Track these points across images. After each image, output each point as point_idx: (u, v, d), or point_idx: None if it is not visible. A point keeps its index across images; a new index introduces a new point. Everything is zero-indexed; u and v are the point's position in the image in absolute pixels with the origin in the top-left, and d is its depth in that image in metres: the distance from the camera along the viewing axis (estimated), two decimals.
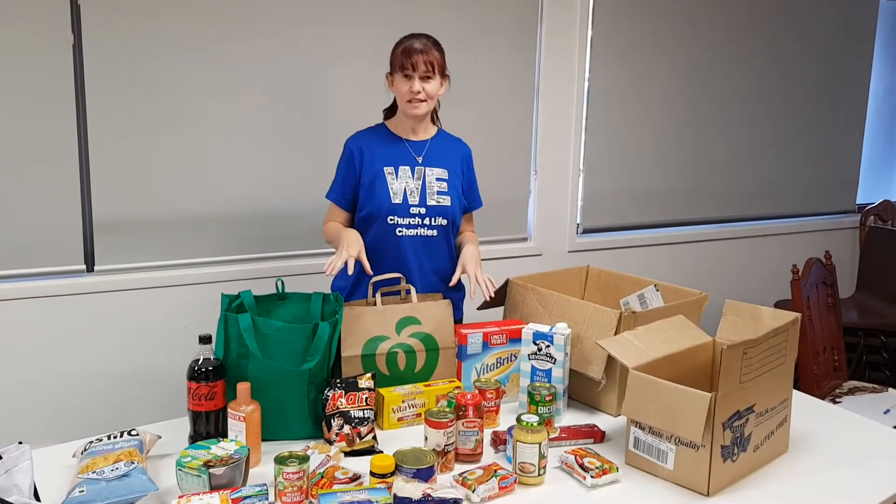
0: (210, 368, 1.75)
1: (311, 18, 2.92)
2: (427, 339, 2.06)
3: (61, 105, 2.61)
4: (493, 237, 3.46)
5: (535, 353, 2.00)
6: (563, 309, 2.13)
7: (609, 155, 3.70)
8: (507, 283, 2.34)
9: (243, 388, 1.73)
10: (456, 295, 2.37)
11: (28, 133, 2.58)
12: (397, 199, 2.25)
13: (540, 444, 1.65)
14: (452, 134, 2.44)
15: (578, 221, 3.69)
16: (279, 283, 2.02)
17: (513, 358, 2.11)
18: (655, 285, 2.26)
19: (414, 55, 2.19)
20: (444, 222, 2.31)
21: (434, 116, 2.41)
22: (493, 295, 2.17)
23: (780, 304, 3.91)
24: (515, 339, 2.09)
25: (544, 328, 2.00)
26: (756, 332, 1.74)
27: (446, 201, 2.30)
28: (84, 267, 2.72)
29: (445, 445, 1.71)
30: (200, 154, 2.82)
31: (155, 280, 2.81)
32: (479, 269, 2.22)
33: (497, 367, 2.11)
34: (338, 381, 1.84)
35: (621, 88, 3.67)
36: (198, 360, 1.76)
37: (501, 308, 2.35)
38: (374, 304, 2.08)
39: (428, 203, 2.28)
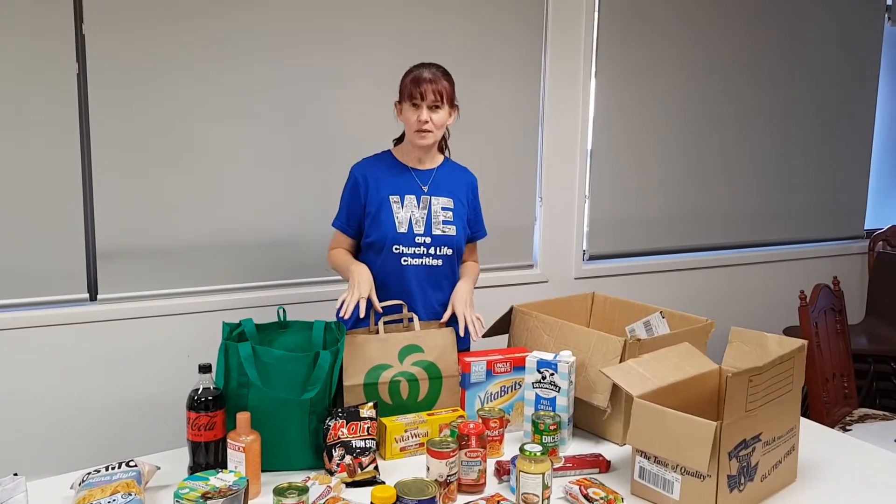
0: (210, 398, 1.73)
1: (317, 46, 2.94)
2: (430, 368, 2.04)
3: (65, 134, 2.62)
4: (499, 264, 3.44)
5: (540, 382, 1.98)
6: (568, 336, 2.11)
7: (615, 181, 3.69)
8: (511, 310, 2.32)
9: (243, 418, 1.71)
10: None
11: (32, 161, 2.59)
12: (402, 228, 2.24)
13: (544, 474, 1.63)
14: (458, 162, 2.43)
15: (584, 248, 3.67)
16: (281, 312, 2.00)
17: (517, 386, 2.09)
18: (661, 312, 2.24)
19: (423, 84, 2.19)
20: (450, 252, 2.30)
21: (443, 145, 2.41)
22: (478, 337, 2.16)
23: (788, 331, 3.87)
24: (519, 367, 2.07)
25: (548, 356, 1.98)
26: (762, 359, 1.71)
27: (451, 231, 2.29)
28: (87, 296, 2.72)
29: (448, 476, 1.69)
30: (203, 183, 2.82)
31: (157, 308, 2.80)
32: (468, 309, 2.20)
33: (501, 396, 2.09)
34: (339, 410, 1.82)
35: (626, 114, 3.67)
36: (197, 389, 1.74)
37: (505, 336, 2.33)
38: (377, 333, 2.06)
39: (433, 232, 2.27)
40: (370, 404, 1.85)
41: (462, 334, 2.17)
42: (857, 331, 3.99)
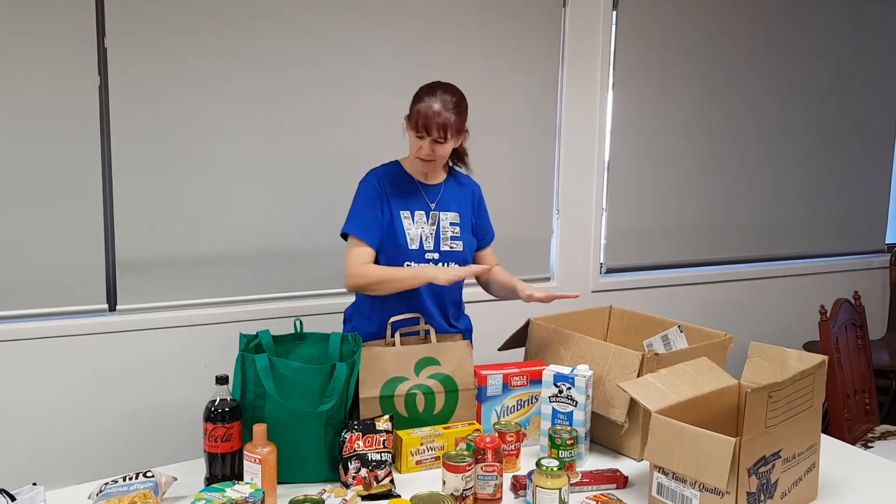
0: (227, 409, 1.74)
1: (335, 58, 2.95)
2: (446, 381, 2.03)
3: (87, 145, 2.64)
4: (516, 276, 3.43)
5: (556, 396, 1.97)
6: (585, 350, 2.10)
7: (632, 194, 3.68)
8: (527, 323, 2.31)
9: (259, 429, 1.72)
10: (465, 335, 2.38)
11: (53, 172, 2.61)
12: (414, 245, 2.24)
13: (560, 489, 1.62)
14: (463, 172, 2.43)
15: (602, 261, 3.66)
16: (298, 323, 2.01)
17: (533, 400, 2.08)
18: (679, 326, 2.22)
19: (429, 120, 2.13)
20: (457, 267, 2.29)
21: (455, 160, 2.40)
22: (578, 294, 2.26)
23: (808, 346, 3.84)
24: (536, 380, 2.06)
25: (565, 370, 1.97)
26: (782, 374, 1.70)
27: (459, 246, 2.29)
28: (106, 306, 2.73)
29: (464, 490, 1.68)
30: (222, 194, 2.84)
31: (176, 319, 2.81)
32: (542, 292, 2.24)
33: (517, 410, 2.08)
34: (355, 422, 1.82)
35: (644, 126, 3.66)
36: (214, 400, 1.75)
37: (522, 349, 2.32)
38: (393, 345, 2.06)
39: (441, 248, 2.26)
40: (386, 417, 1.85)
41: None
42: (879, 346, 3.95)
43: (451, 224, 2.29)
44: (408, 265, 2.22)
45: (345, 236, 2.27)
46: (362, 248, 2.21)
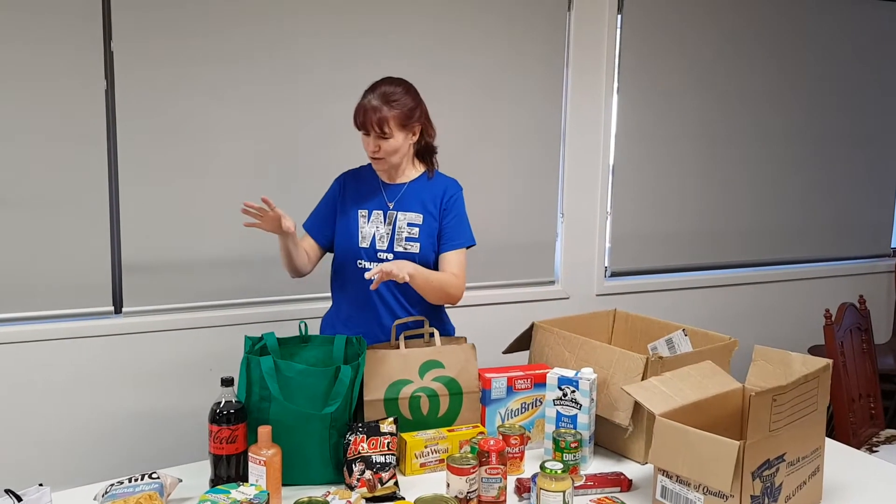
0: (232, 411, 1.74)
1: (341, 62, 2.96)
2: (450, 384, 2.04)
3: (93, 149, 2.66)
4: (520, 280, 3.44)
5: (561, 399, 1.97)
6: (589, 353, 2.10)
7: (637, 197, 3.68)
8: (532, 326, 2.31)
9: (264, 431, 1.72)
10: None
11: (60, 176, 2.62)
12: (364, 244, 2.24)
13: (564, 492, 1.62)
14: (445, 174, 2.35)
15: (606, 264, 3.66)
16: (302, 326, 2.01)
17: (538, 403, 2.08)
18: (684, 330, 2.22)
19: (364, 116, 2.14)
20: None
21: (427, 158, 2.34)
22: (373, 275, 2.00)
23: (813, 350, 3.83)
24: (540, 383, 2.06)
25: (569, 373, 1.97)
26: (786, 378, 1.70)
27: (414, 248, 2.24)
28: (112, 309, 2.74)
29: (468, 493, 1.68)
30: (227, 198, 2.85)
31: (181, 322, 2.82)
32: (387, 265, 2.02)
33: (522, 413, 2.08)
34: (360, 425, 1.82)
35: (648, 131, 3.66)
36: (219, 402, 1.75)
37: (526, 352, 2.33)
38: (398, 348, 2.06)
39: (395, 248, 2.23)
40: (390, 419, 1.85)
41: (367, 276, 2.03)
42: (884, 350, 3.94)
43: (409, 225, 2.25)
44: (359, 263, 2.24)
45: None
46: (304, 239, 2.33)
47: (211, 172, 2.82)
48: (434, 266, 2.26)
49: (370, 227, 2.25)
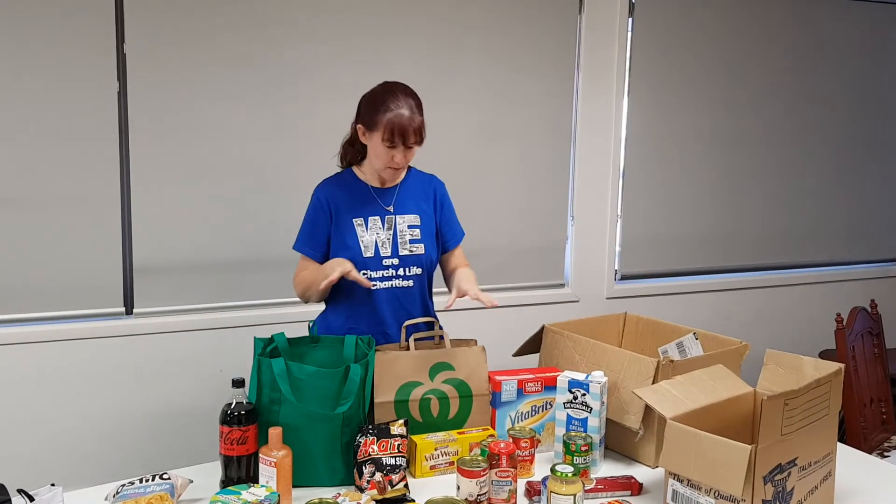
0: (242, 413, 1.75)
1: (351, 64, 2.97)
2: (461, 386, 2.04)
3: (105, 151, 2.67)
4: (530, 283, 3.44)
5: (571, 402, 1.96)
6: (600, 356, 2.09)
7: (647, 200, 3.67)
8: (542, 329, 2.31)
9: (275, 432, 1.72)
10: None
11: (72, 177, 2.64)
12: (369, 253, 2.19)
13: (575, 495, 1.61)
14: (424, 171, 2.35)
15: (616, 267, 3.65)
16: (312, 327, 2.02)
17: (548, 406, 2.08)
18: (695, 333, 2.21)
19: (405, 129, 2.07)
20: (419, 271, 2.24)
21: None
22: (495, 302, 2.08)
23: (824, 354, 3.81)
24: (551, 386, 2.06)
25: (580, 376, 1.97)
26: (798, 382, 1.69)
27: (419, 249, 2.23)
28: (123, 309, 2.76)
29: (478, 495, 1.68)
30: (238, 200, 2.86)
31: (192, 323, 2.83)
32: (477, 289, 2.12)
33: (532, 416, 2.08)
34: (370, 427, 1.82)
35: (659, 133, 3.66)
36: (230, 403, 1.76)
37: (536, 355, 2.32)
38: (408, 349, 2.06)
39: (400, 253, 2.21)
40: (401, 421, 1.85)
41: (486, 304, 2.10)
42: None
43: (410, 227, 2.23)
44: (365, 274, 2.17)
45: None
46: (303, 261, 2.25)
47: (222, 174, 2.83)
48: (435, 263, 2.30)
49: (370, 235, 2.19)
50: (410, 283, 2.24)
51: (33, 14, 2.54)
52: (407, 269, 2.23)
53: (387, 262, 2.20)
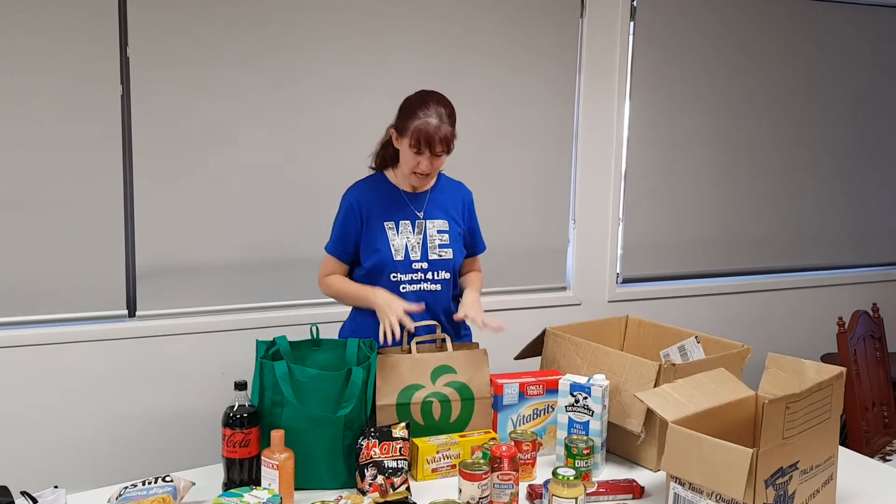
0: (245, 415, 1.75)
1: (353, 66, 2.97)
2: (462, 389, 2.04)
3: (108, 154, 2.68)
4: (532, 286, 3.44)
5: (573, 405, 1.97)
6: (602, 360, 2.10)
7: (649, 203, 3.67)
8: (544, 332, 2.31)
9: (277, 435, 1.73)
10: (463, 330, 2.39)
11: (76, 180, 2.64)
12: (399, 256, 2.21)
13: (577, 498, 1.62)
14: (453, 178, 2.38)
15: (618, 271, 3.66)
16: (314, 329, 2.02)
17: (550, 409, 2.08)
18: (696, 337, 2.22)
19: (431, 137, 2.10)
20: (447, 276, 2.27)
21: None
22: (503, 326, 2.13)
23: (826, 358, 3.81)
24: (552, 389, 2.06)
25: (582, 379, 1.97)
26: (799, 386, 1.69)
27: (448, 254, 2.26)
28: (126, 312, 2.76)
29: (480, 498, 1.69)
30: (241, 202, 2.86)
31: (194, 325, 2.84)
32: (482, 314, 2.17)
33: (533, 419, 2.08)
34: (372, 430, 1.83)
35: (661, 136, 3.66)
36: (233, 406, 1.76)
37: (538, 358, 2.33)
38: (409, 353, 2.07)
39: (430, 257, 2.24)
40: (402, 424, 1.85)
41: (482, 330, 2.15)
42: None
43: (439, 232, 2.26)
44: (394, 276, 2.21)
45: None
46: (331, 261, 2.30)
47: (225, 176, 2.84)
48: (459, 268, 2.34)
49: (401, 239, 2.23)
50: (438, 286, 2.26)
51: (37, 17, 2.54)
52: (436, 273, 2.25)
53: (416, 265, 2.23)
